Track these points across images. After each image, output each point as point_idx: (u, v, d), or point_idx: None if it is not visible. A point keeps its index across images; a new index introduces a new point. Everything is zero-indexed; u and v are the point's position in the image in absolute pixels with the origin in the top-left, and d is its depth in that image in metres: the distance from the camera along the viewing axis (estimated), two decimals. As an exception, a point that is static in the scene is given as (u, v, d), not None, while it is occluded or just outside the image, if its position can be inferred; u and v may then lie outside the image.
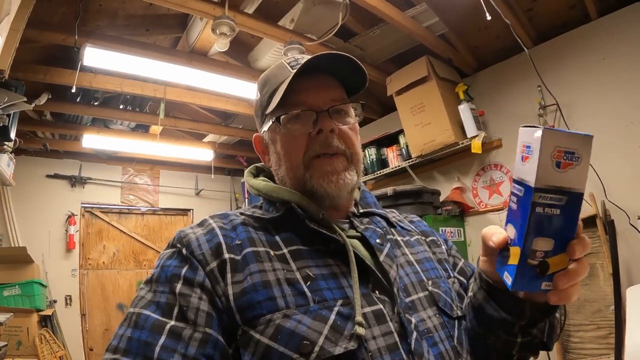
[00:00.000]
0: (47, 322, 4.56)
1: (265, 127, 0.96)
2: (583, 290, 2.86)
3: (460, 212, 3.72)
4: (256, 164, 1.07)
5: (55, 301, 5.00)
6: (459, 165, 3.87)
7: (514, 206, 0.67)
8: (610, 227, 2.80)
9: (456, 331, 0.87)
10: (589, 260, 2.84)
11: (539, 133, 0.61)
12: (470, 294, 0.88)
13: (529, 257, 0.64)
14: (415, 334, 0.78)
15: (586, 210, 2.94)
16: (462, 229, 3.72)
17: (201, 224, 0.89)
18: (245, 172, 1.05)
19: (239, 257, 0.80)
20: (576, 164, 0.61)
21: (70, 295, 5.18)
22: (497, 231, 0.72)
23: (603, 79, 3.01)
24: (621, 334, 2.61)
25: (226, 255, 0.80)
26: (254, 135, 1.02)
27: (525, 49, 3.04)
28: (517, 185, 0.66)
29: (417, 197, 3.36)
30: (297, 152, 0.89)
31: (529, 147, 0.63)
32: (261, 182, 0.97)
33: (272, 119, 0.93)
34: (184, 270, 0.78)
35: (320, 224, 0.86)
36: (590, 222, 2.86)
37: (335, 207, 0.93)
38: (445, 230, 3.51)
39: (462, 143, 3.49)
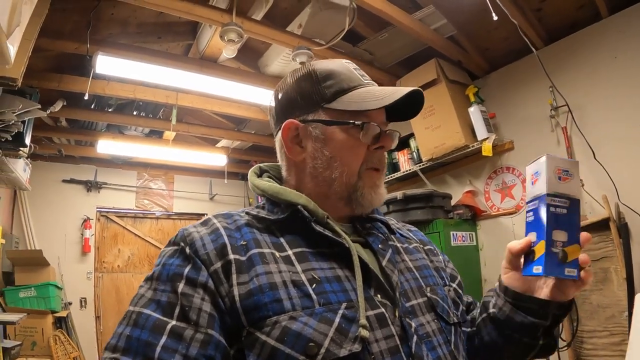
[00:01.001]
0: (61, 323, 4.66)
1: (320, 119, 0.92)
2: (596, 295, 2.80)
3: (472, 216, 3.67)
4: (259, 164, 1.07)
5: (70, 303, 5.09)
6: (471, 168, 3.83)
7: (531, 218, 0.87)
8: (623, 230, 2.73)
9: (453, 336, 0.89)
10: (602, 264, 2.81)
11: (543, 158, 0.86)
12: (492, 310, 0.95)
13: (552, 246, 0.82)
14: (415, 337, 0.81)
15: (599, 213, 2.89)
16: (474, 233, 3.67)
17: (205, 223, 0.88)
18: (250, 171, 1.04)
19: (244, 258, 0.80)
20: (571, 178, 0.86)
21: (85, 298, 5.27)
22: (519, 240, 0.87)
23: (615, 78, 2.95)
24: (636, 341, 2.58)
25: (231, 256, 0.79)
26: (287, 121, 0.95)
27: (534, 49, 2.99)
28: (531, 203, 0.88)
29: (427, 201, 3.33)
30: (357, 160, 0.91)
31: (537, 172, 0.87)
32: (266, 183, 0.96)
33: (340, 119, 0.91)
34: (186, 270, 0.78)
35: (325, 227, 0.87)
36: (604, 225, 2.80)
37: (340, 213, 0.95)
38: (456, 234, 3.46)
39: (473, 146, 3.45)
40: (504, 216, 3.56)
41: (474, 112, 3.43)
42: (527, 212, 0.88)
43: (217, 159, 5.64)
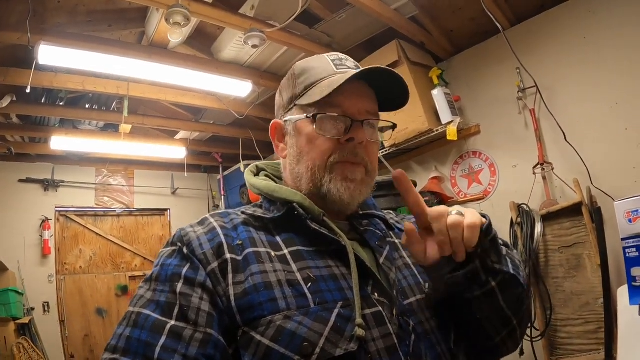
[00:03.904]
0: (25, 330, 4.49)
1: (292, 117, 0.94)
2: (569, 282, 2.77)
3: (439, 203, 3.52)
4: (256, 163, 1.06)
5: (32, 309, 4.89)
6: (436, 154, 3.75)
7: (636, 254, 0.89)
8: (597, 215, 2.67)
9: (453, 334, 0.87)
10: (575, 250, 2.74)
11: None
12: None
13: None
14: (413, 336, 0.80)
15: (570, 197, 2.85)
16: (441, 221, 3.55)
17: (201, 223, 0.88)
18: (246, 170, 1.04)
19: (240, 258, 0.80)
20: None
21: (48, 302, 5.06)
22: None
23: (585, 58, 2.90)
24: (611, 329, 2.53)
25: (228, 256, 0.79)
26: (272, 121, 0.99)
27: (501, 29, 2.93)
28: (632, 240, 0.87)
29: (390, 188, 3.17)
30: (323, 154, 0.89)
31: (635, 210, 0.87)
32: (262, 182, 0.97)
33: (305, 113, 0.90)
34: (184, 270, 0.78)
35: (321, 225, 0.86)
36: (576, 210, 2.76)
37: (338, 211, 0.93)
38: (423, 223, 3.34)
39: (437, 130, 3.35)
40: (471, 202, 3.48)
41: (438, 95, 3.33)
42: (628, 248, 0.90)
43: (176, 151, 5.49)
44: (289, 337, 0.71)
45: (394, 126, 1.00)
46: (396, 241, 0.99)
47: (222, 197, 5.91)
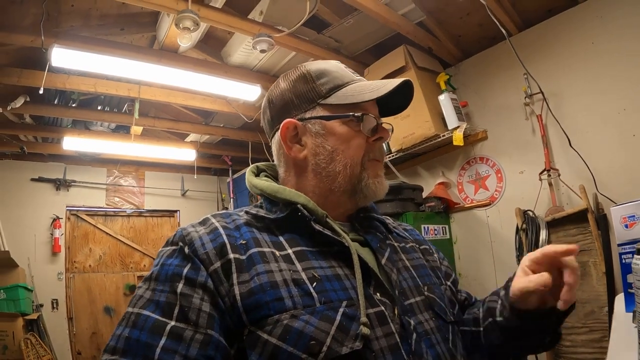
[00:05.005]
0: (33, 326, 4.56)
1: (317, 115, 0.94)
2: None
3: (445, 209, 3.54)
4: (256, 164, 1.07)
5: (41, 305, 4.97)
6: (443, 159, 3.73)
7: (632, 260, 0.89)
8: (602, 222, 2.64)
9: (450, 334, 0.90)
10: (580, 258, 2.71)
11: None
12: (499, 318, 0.94)
13: None
14: (414, 335, 0.81)
15: (576, 203, 2.82)
16: (447, 226, 3.55)
17: (203, 223, 0.88)
18: (247, 171, 1.05)
19: (244, 257, 0.80)
20: None
21: (56, 299, 5.14)
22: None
23: (592, 64, 2.86)
24: (616, 338, 2.48)
25: (231, 255, 0.79)
26: (285, 121, 0.96)
27: (507, 35, 2.91)
28: (628, 246, 0.87)
29: (396, 193, 3.20)
30: (359, 151, 0.93)
31: (632, 216, 0.85)
32: (264, 182, 0.97)
33: (335, 113, 0.93)
34: (185, 270, 0.77)
35: (324, 226, 0.88)
36: (581, 216, 2.72)
37: (341, 209, 0.97)
38: (428, 228, 3.33)
39: (443, 135, 3.33)
40: (478, 208, 3.46)
41: (444, 100, 3.30)
42: (624, 254, 0.90)
43: (187, 154, 5.52)
44: (297, 336, 0.72)
45: (391, 129, 1.04)
46: (395, 244, 1.01)
47: (232, 199, 5.94)
